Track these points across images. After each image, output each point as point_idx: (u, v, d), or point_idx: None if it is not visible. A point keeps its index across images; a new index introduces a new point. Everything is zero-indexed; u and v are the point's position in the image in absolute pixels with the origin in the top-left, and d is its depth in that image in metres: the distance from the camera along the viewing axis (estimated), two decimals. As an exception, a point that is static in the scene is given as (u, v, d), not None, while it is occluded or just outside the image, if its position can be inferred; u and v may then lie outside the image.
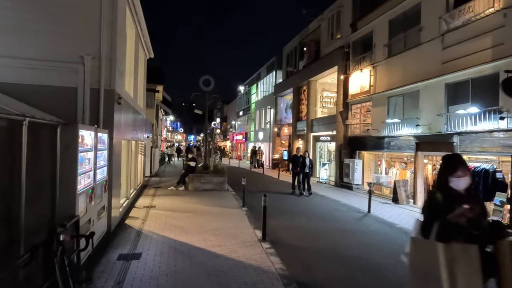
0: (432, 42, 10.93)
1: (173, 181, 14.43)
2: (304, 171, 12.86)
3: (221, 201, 10.72)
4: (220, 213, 8.78)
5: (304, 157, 13.09)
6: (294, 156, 13.61)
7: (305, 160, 12.97)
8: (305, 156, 13.16)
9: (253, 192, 11.95)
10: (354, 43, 16.16)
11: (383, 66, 13.72)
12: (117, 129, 7.33)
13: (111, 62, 6.73)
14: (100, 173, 5.99)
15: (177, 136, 74.13)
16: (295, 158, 13.29)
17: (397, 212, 10.03)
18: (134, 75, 10.10)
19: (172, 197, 11.17)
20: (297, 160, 13.12)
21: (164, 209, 9.15)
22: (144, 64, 13.12)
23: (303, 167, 12.82)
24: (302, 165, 12.84)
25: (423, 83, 11.19)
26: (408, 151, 12.06)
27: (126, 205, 9.00)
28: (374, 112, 14.20)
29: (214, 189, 12.95)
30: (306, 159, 13.02)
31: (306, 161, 12.96)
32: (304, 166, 12.82)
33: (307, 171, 12.89)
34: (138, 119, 11.45)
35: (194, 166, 13.18)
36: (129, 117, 9.23)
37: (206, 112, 14.50)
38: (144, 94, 13.45)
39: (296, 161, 13.12)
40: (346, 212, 9.58)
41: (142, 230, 7.01)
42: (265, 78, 33.43)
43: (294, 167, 13.20)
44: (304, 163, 12.87)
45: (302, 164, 12.86)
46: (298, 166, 12.88)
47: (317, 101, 21.18)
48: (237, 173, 20.97)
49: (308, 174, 12.93)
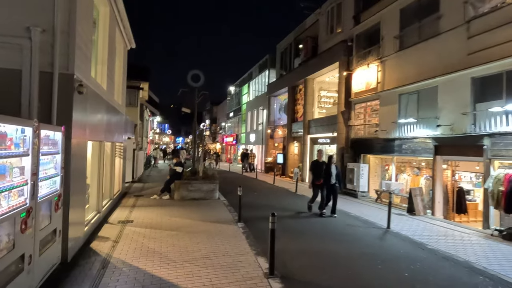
0: (454, 31, 9.59)
1: (157, 187, 12.77)
2: (330, 183, 9.53)
3: (212, 213, 9.11)
4: (212, 231, 7.18)
5: (329, 163, 9.62)
6: (315, 162, 10.04)
7: (330, 167, 9.54)
8: (331, 162, 9.65)
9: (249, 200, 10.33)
10: (358, 37, 14.79)
11: (393, 60, 12.35)
12: (80, 127, 5.70)
13: (69, 37, 5.10)
14: (48, 186, 4.35)
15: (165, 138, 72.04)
16: (317, 165, 9.84)
17: (419, 226, 8.60)
18: (108, 65, 8.45)
19: (155, 208, 9.52)
20: (319, 168, 9.72)
21: (142, 225, 7.50)
22: (124, 54, 11.45)
23: (328, 178, 9.51)
24: (326, 174, 9.53)
25: (443, 77, 9.83)
26: (424, 155, 10.68)
27: (95, 221, 7.33)
28: (382, 112, 12.81)
29: (203, 198, 11.34)
30: (332, 167, 9.55)
31: (332, 169, 9.51)
32: (329, 176, 9.49)
33: (334, 183, 9.53)
34: (115, 117, 9.78)
35: (180, 172, 11.53)
36: (100, 113, 7.58)
37: (195, 110, 12.89)
38: (123, 89, 11.77)
39: (318, 169, 9.71)
40: (362, 228, 8.09)
41: (111, 258, 5.37)
42: (257, 78, 31.94)
43: (315, 178, 9.75)
44: (329, 172, 9.50)
45: (326, 173, 9.55)
46: (321, 176, 9.58)
47: (315, 101, 19.76)
48: (228, 178, 19.40)
49: (335, 187, 9.54)
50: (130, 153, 15.52)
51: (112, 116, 9.18)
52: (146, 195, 12.01)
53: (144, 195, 11.95)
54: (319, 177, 9.64)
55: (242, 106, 37.11)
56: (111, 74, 8.97)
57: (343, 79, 15.48)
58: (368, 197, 13.25)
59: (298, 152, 21.77)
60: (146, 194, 12.22)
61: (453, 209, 10.41)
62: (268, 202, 11.81)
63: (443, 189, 10.27)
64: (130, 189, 13.76)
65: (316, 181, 9.75)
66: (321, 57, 17.89)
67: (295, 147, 22.24)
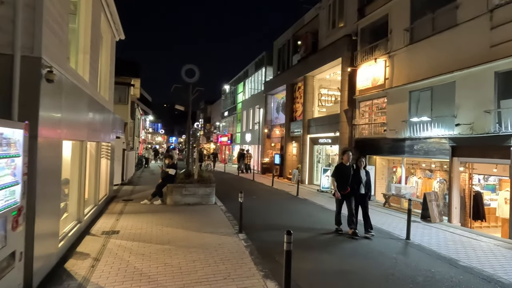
0: (475, 22, 8.77)
1: (149, 191, 11.78)
2: (359, 193, 7.53)
3: (209, 221, 8.16)
4: (210, 244, 6.23)
5: (358, 167, 7.62)
6: (340, 167, 7.80)
7: (360, 173, 7.53)
8: (360, 166, 7.62)
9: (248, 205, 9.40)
10: (363, 31, 13.95)
11: (402, 54, 11.51)
12: (52, 124, 4.72)
13: (34, 12, 4.12)
14: (1, 199, 3.38)
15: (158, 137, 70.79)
16: (343, 170, 7.65)
17: (439, 236, 7.74)
18: (92, 55, 7.45)
19: (145, 216, 8.54)
20: (345, 173, 7.58)
21: (130, 237, 6.53)
22: (111, 45, 10.44)
23: (357, 186, 7.50)
24: (355, 181, 7.50)
25: (461, 72, 9.01)
26: (439, 156, 9.85)
27: (75, 232, 6.35)
28: (391, 110, 11.97)
29: (199, 203, 10.38)
30: (361, 172, 7.55)
31: (362, 174, 7.52)
32: (358, 183, 7.48)
33: (364, 193, 7.54)
34: (101, 114, 8.79)
35: (173, 175, 10.55)
36: (81, 109, 6.59)
37: (189, 107, 11.91)
38: (111, 84, 10.75)
39: (345, 175, 7.56)
40: (378, 239, 7.20)
41: (88, 283, 4.40)
42: (253, 76, 31.01)
43: (341, 186, 7.56)
44: (359, 179, 7.49)
45: (355, 180, 7.50)
46: (348, 184, 7.51)
47: (315, 99, 18.89)
48: (224, 180, 18.44)
49: (365, 197, 7.57)
50: (120, 153, 14.49)
51: (96, 113, 8.18)
52: (136, 199, 11.01)
53: (134, 200, 10.95)
54: (345, 185, 7.52)
55: (238, 105, 36.16)
56: (95, 65, 7.97)
57: (346, 75, 14.63)
58: (374, 201, 12.39)
59: (296, 153, 20.90)
60: (136, 198, 11.22)
61: (470, 215, 9.61)
62: (270, 207, 10.89)
63: (461, 194, 9.45)
64: (119, 192, 12.73)
65: (342, 190, 7.55)
66: (322, 53, 17.02)
67: (294, 148, 21.36)
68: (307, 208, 11.00)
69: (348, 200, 7.59)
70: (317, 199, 12.81)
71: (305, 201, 12.45)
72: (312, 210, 10.68)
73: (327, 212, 10.36)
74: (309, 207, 11.24)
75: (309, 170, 18.62)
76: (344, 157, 7.89)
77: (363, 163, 7.72)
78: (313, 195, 14.22)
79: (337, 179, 7.67)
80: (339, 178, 7.63)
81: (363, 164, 7.69)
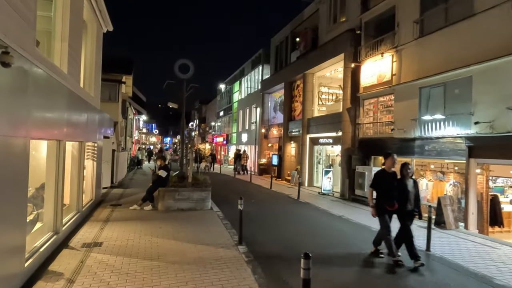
0: (496, 10, 8.04)
1: (140, 194, 10.93)
2: (406, 209, 5.73)
3: (204, 230, 7.32)
4: (206, 259, 5.40)
5: (403, 176, 5.82)
6: (380, 174, 5.97)
7: (405, 182, 5.77)
8: (406, 175, 5.81)
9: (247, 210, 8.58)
10: (367, 24, 13.21)
11: (411, 48, 10.77)
12: (11, 119, 3.87)
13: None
14: None
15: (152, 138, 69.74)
16: (385, 179, 5.86)
17: (460, 246, 7.00)
18: (72, 44, 6.60)
19: (133, 224, 7.70)
20: (389, 183, 5.79)
21: (113, 251, 5.69)
22: (97, 37, 9.56)
23: (404, 199, 5.71)
24: (399, 195, 5.72)
25: (480, 66, 8.27)
26: (454, 157, 9.12)
27: (50, 245, 5.50)
28: (398, 108, 11.23)
29: (193, 208, 9.55)
30: (408, 182, 5.79)
31: (408, 184, 5.78)
32: (404, 197, 5.70)
33: (411, 209, 5.76)
34: (84, 111, 7.92)
35: (165, 178, 9.70)
36: (57, 104, 5.74)
37: (183, 104, 11.08)
38: (97, 80, 9.88)
39: (388, 186, 5.77)
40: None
41: (55, 315, 3.57)
42: (249, 74, 30.18)
43: (386, 200, 5.73)
44: (404, 191, 5.72)
45: (399, 192, 5.73)
46: (393, 197, 5.73)
47: (315, 97, 18.12)
48: (220, 182, 17.60)
49: (412, 216, 5.86)
50: (109, 154, 13.60)
51: (78, 109, 7.33)
52: (125, 204, 10.16)
53: (123, 205, 10.10)
54: (390, 198, 5.70)
55: (233, 104, 35.32)
56: (76, 56, 7.11)
57: (349, 72, 13.89)
58: (381, 205, 11.63)
59: (295, 153, 20.12)
60: (125, 203, 10.36)
61: (487, 220, 8.90)
62: (270, 213, 10.09)
63: (478, 198, 8.72)
64: (108, 196, 11.86)
65: (387, 205, 5.71)
66: (322, 49, 16.26)
67: (292, 148, 20.58)
68: (311, 213, 10.21)
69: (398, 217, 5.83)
70: (320, 203, 12.02)
71: (308, 205, 11.65)
72: (318, 216, 9.90)
73: (334, 219, 9.60)
74: (314, 213, 10.45)
75: (309, 171, 17.85)
76: (387, 161, 5.93)
77: (410, 170, 5.88)
78: (315, 198, 13.44)
79: (377, 189, 5.88)
80: (381, 188, 5.81)
81: (410, 172, 5.86)
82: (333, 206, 11.60)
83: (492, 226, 9.07)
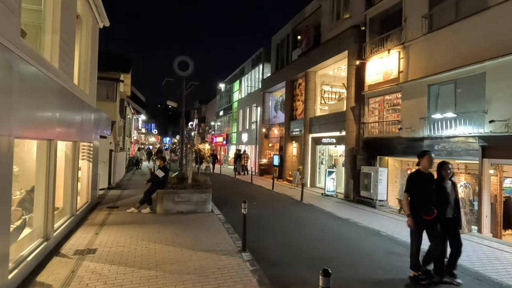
0: (510, 3, 7.65)
1: (138, 196, 10.50)
2: (446, 216, 4.85)
3: (205, 235, 6.91)
4: (206, 268, 5.00)
5: (442, 177, 4.92)
6: (417, 176, 4.97)
7: (445, 186, 4.90)
8: (445, 177, 4.92)
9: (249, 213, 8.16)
10: (372, 21, 12.82)
11: (419, 44, 10.39)
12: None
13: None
14: None
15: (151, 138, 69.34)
16: (422, 181, 4.89)
17: (477, 251, 6.62)
18: (64, 37, 6.19)
19: (130, 228, 7.30)
20: (427, 186, 4.85)
21: (108, 259, 5.28)
22: (93, 32, 9.15)
23: (444, 204, 4.83)
24: (439, 200, 4.82)
25: (494, 61, 7.88)
26: (466, 157, 8.73)
27: (39, 253, 5.09)
28: (406, 106, 10.84)
29: (193, 211, 9.14)
30: (447, 185, 4.92)
31: (447, 187, 4.91)
32: (443, 202, 4.83)
33: (452, 216, 4.90)
34: (79, 109, 7.51)
35: (164, 179, 9.29)
36: (47, 100, 5.34)
37: (183, 103, 10.68)
38: (92, 77, 9.47)
39: (425, 189, 4.83)
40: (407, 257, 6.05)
41: (39, 336, 3.16)
42: (250, 73, 29.79)
43: (423, 207, 4.76)
44: (444, 195, 4.85)
45: (438, 197, 4.82)
46: (432, 203, 4.78)
47: (317, 96, 17.72)
48: (220, 182, 17.19)
49: (456, 224, 4.95)
50: (106, 154, 13.20)
51: (72, 107, 6.92)
52: (123, 206, 9.75)
53: (120, 207, 9.70)
54: (429, 205, 4.73)
55: (233, 104, 34.92)
56: (69, 51, 6.70)
57: (353, 69, 13.49)
58: (387, 207, 11.26)
59: (297, 153, 19.74)
60: (123, 205, 9.96)
61: (500, 223, 8.52)
62: (274, 215, 9.69)
63: (492, 200, 8.34)
64: (105, 197, 11.46)
65: (424, 213, 4.72)
66: (325, 47, 15.87)
67: (294, 148, 20.19)
68: (317, 216, 9.82)
69: (432, 230, 4.79)
70: (324, 205, 11.63)
71: (312, 207, 11.26)
72: (324, 219, 9.51)
73: (341, 222, 9.21)
74: (319, 215, 10.06)
75: (311, 172, 17.46)
76: (423, 161, 4.91)
77: (450, 171, 4.95)
78: (318, 199, 13.05)
79: (413, 195, 4.87)
80: (418, 194, 4.80)
81: (449, 174, 4.94)
82: (338, 208, 11.20)
83: (505, 229, 8.70)
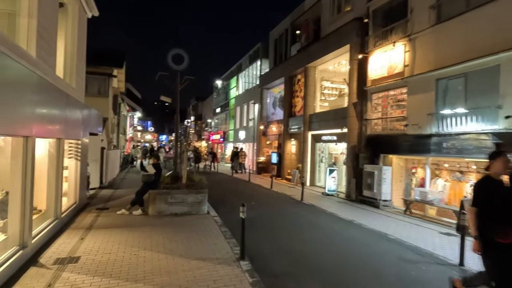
0: (528, -10, 7.15)
1: (131, 196, 9.91)
2: None
3: (200, 240, 6.37)
4: (201, 280, 4.46)
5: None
6: (487, 184, 3.61)
7: None
8: None
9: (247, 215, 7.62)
10: (375, 13, 12.27)
11: (427, 37, 9.86)
12: None
13: None
14: None
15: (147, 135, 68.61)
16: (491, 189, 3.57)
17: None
18: (41, 21, 5.61)
19: (119, 232, 6.74)
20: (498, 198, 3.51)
21: (91, 269, 4.73)
22: (80, 21, 8.54)
23: None
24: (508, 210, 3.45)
25: (509, 53, 7.38)
26: (477, 155, 8.22)
27: (13, 263, 4.56)
28: (412, 102, 10.32)
29: (188, 213, 8.60)
30: None
31: None
32: None
33: None
34: (63, 104, 6.92)
35: (156, 179, 8.73)
36: (21, 93, 4.76)
37: (177, 98, 10.10)
38: (79, 69, 8.87)
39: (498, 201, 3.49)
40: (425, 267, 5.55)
41: None
42: (247, 69, 29.19)
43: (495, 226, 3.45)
44: None
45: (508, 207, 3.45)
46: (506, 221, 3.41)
47: (317, 92, 17.18)
48: (217, 181, 16.65)
49: None
50: (97, 153, 12.62)
51: (54, 102, 6.34)
52: (113, 207, 9.20)
53: (110, 208, 9.15)
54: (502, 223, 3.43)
55: (230, 101, 34.33)
56: (49, 38, 6.11)
57: (355, 64, 12.95)
58: (392, 207, 10.77)
59: (296, 151, 19.19)
60: (114, 206, 9.41)
61: None
62: (273, 217, 9.17)
63: (505, 201, 7.84)
64: (95, 198, 10.90)
65: (497, 235, 3.44)
66: (325, 41, 15.31)
67: (293, 146, 19.65)
68: (319, 218, 9.31)
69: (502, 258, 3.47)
70: (326, 205, 11.11)
71: (313, 208, 10.74)
72: (327, 221, 9.00)
73: (345, 224, 8.70)
74: (321, 217, 9.56)
75: (311, 170, 16.94)
76: (495, 164, 3.67)
77: None
78: (319, 199, 12.55)
79: (483, 211, 3.59)
80: (489, 208, 3.54)
81: None
82: (340, 208, 10.69)
83: None
